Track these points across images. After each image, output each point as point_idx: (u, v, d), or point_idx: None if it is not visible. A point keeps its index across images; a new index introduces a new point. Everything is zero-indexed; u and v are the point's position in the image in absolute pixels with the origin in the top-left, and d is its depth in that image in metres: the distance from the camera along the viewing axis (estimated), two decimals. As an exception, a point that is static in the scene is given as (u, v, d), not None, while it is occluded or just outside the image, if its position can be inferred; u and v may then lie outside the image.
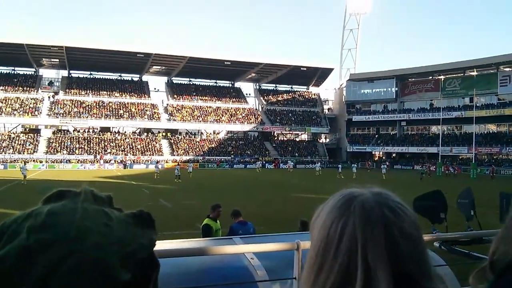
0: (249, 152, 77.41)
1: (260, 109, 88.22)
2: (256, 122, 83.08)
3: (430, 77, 78.80)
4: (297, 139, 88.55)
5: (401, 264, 0.76)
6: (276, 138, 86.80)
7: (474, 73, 72.76)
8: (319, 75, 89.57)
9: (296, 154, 79.30)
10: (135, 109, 77.20)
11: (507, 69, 69.48)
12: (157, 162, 62.33)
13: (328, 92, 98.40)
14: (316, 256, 0.82)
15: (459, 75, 75.15)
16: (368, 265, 0.76)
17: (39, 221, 0.60)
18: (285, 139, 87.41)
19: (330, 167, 66.03)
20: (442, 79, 76.69)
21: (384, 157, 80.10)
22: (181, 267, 3.69)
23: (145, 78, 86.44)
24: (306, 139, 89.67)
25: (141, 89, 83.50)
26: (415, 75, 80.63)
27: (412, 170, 61.72)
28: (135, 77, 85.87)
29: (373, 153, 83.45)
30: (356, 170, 50.22)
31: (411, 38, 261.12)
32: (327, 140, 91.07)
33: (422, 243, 0.81)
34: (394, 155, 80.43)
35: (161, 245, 4.13)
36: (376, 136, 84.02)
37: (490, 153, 66.25)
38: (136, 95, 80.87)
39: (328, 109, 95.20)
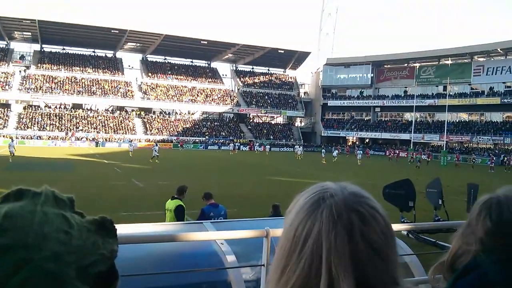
0: (224, 134, 77.21)
1: (236, 91, 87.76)
2: (232, 103, 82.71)
3: (406, 65, 79.67)
4: (273, 122, 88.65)
5: (365, 274, 0.75)
6: (251, 120, 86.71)
7: (449, 62, 73.92)
8: (296, 58, 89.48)
9: (271, 137, 79.50)
10: (108, 86, 75.78)
11: (481, 59, 70.78)
12: (131, 140, 61.66)
13: (305, 76, 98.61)
14: (282, 256, 0.81)
15: (434, 63, 76.21)
16: (331, 273, 0.75)
17: None
18: (261, 121, 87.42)
19: (306, 151, 66.23)
20: (417, 67, 77.67)
21: (357, 142, 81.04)
22: (151, 251, 3.65)
23: (119, 54, 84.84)
24: (282, 122, 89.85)
25: (115, 66, 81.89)
26: (390, 62, 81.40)
27: (384, 155, 62.56)
28: (109, 54, 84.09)
29: (347, 138, 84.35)
30: (337, 155, 50.71)
31: (388, 25, 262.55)
32: (302, 123, 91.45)
33: (390, 253, 0.79)
34: (367, 140, 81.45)
35: (133, 228, 4.08)
36: (351, 121, 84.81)
37: (461, 141, 67.75)
38: (109, 72, 79.28)
39: (304, 93, 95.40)
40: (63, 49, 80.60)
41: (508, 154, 55.73)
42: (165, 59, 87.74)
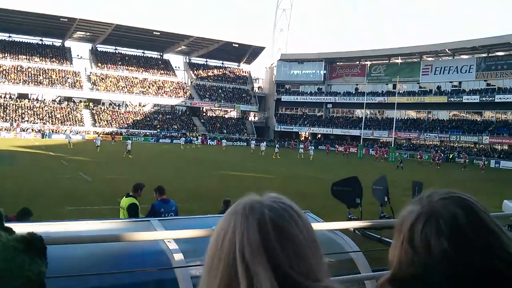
0: (176, 127, 76.33)
1: (190, 83, 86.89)
2: (185, 96, 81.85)
3: (357, 62, 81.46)
4: (226, 116, 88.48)
5: (280, 264, 0.77)
6: (205, 113, 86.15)
7: (399, 61, 76.16)
8: (250, 52, 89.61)
9: (225, 131, 79.34)
10: (56, 76, 73.08)
11: (429, 59, 73.43)
12: (70, 131, 60.39)
13: (259, 71, 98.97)
14: (208, 257, 0.85)
15: (385, 62, 78.30)
16: (246, 263, 0.78)
17: None
18: (214, 115, 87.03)
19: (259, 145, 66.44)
20: (368, 65, 79.62)
21: (309, 138, 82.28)
22: (97, 250, 3.55)
23: (68, 44, 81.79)
24: (235, 117, 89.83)
25: (63, 55, 79.02)
26: (343, 59, 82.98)
27: (335, 151, 63.83)
28: (57, 42, 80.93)
29: (299, 133, 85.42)
30: (313, 152, 49.84)
31: (341, 23, 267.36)
32: (256, 118, 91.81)
33: (305, 247, 0.81)
34: (319, 136, 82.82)
35: (78, 226, 3.94)
36: (304, 116, 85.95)
37: (409, 138, 70.14)
38: (57, 61, 76.42)
39: (258, 87, 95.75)
40: (9, 36, 76.85)
41: (453, 151, 58.35)
42: (116, 49, 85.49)
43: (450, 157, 53.96)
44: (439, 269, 0.94)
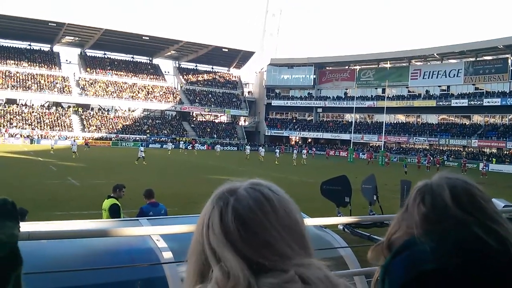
0: (166, 132, 76.05)
1: (179, 88, 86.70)
2: (175, 101, 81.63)
3: (347, 67, 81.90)
4: (216, 121, 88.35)
5: (243, 250, 0.79)
6: (195, 118, 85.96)
7: (388, 66, 76.69)
8: (240, 57, 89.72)
9: (215, 136, 79.21)
10: (45, 81, 72.56)
11: (418, 63, 74.08)
12: (59, 137, 60.46)
13: (249, 75, 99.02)
14: (190, 248, 0.86)
15: (374, 66, 78.84)
16: (214, 251, 0.80)
17: None
18: (204, 120, 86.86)
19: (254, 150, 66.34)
20: (358, 70, 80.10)
21: (300, 142, 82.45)
22: (86, 248, 3.53)
23: (56, 48, 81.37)
24: (225, 121, 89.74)
25: (52, 60, 78.52)
26: (332, 64, 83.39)
27: (325, 155, 63.88)
28: (46, 47, 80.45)
29: (290, 137, 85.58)
30: (306, 156, 50.05)
31: (331, 28, 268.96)
32: (246, 123, 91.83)
33: (275, 230, 0.82)
34: (309, 140, 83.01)
35: (66, 225, 3.91)
36: (294, 121, 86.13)
37: (398, 142, 70.56)
38: (46, 66, 75.88)
39: (248, 92, 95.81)
40: (-3, 41, 76.40)
41: (442, 154, 58.73)
42: (105, 54, 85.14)
43: (441, 160, 54.26)
44: (428, 237, 1.06)
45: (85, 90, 74.64)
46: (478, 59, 65.96)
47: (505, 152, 58.64)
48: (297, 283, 0.76)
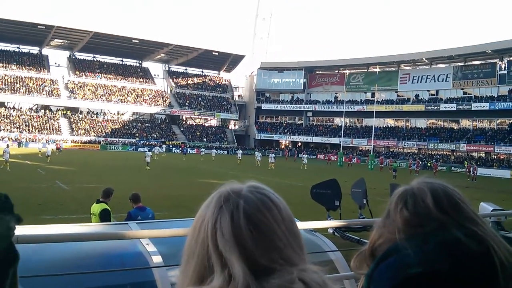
0: (155, 135, 75.75)
1: (169, 92, 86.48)
2: (164, 104, 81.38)
3: (336, 71, 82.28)
4: (206, 124, 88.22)
5: (252, 253, 0.79)
6: (184, 122, 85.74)
7: (377, 70, 77.21)
8: (230, 61, 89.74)
9: (205, 140, 79.06)
10: (33, 84, 71.96)
11: (407, 68, 74.67)
12: (47, 140, 59.57)
13: (239, 79, 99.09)
14: (186, 249, 0.86)
15: (363, 70, 79.27)
16: (220, 254, 0.79)
17: None
18: (194, 123, 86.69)
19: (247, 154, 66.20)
20: (347, 74, 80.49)
21: (290, 146, 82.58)
22: (75, 252, 3.51)
23: (45, 51, 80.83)
24: (215, 125, 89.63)
25: (41, 63, 77.93)
26: (322, 68, 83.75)
27: (316, 159, 64.01)
28: (34, 50, 79.89)
29: (280, 141, 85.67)
30: (307, 161, 48.51)
31: (320, 32, 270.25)
32: (236, 126, 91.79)
33: (281, 234, 0.82)
34: (299, 144, 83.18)
35: (54, 229, 3.89)
36: (284, 125, 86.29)
37: (387, 146, 70.93)
38: (34, 69, 75.29)
39: (239, 96, 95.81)
40: (-16, 44, 75.71)
41: (432, 159, 59.13)
42: (94, 57, 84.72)
43: (428, 164, 54.63)
44: (412, 242, 1.07)
45: (74, 93, 74.16)
46: (466, 63, 66.63)
47: (493, 156, 59.22)
48: (299, 284, 0.77)
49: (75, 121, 72.08)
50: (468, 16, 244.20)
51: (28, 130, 65.89)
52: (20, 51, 78.89)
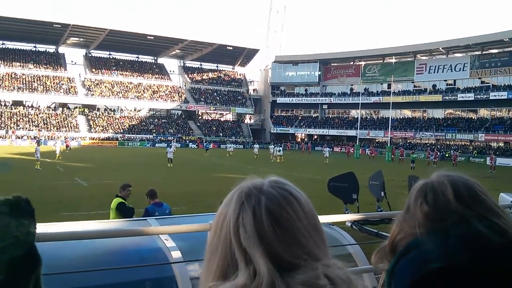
0: (172, 131, 76.17)
1: (184, 87, 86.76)
2: (180, 100, 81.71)
3: (352, 63, 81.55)
4: (222, 119, 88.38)
5: (275, 249, 0.78)
6: (200, 117, 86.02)
7: (393, 60, 76.19)
8: (245, 55, 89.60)
9: (221, 134, 79.25)
10: (50, 82, 72.87)
11: (423, 58, 73.58)
12: (63, 137, 59.87)
13: (254, 73, 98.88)
14: (208, 246, 0.86)
15: (379, 61, 78.39)
16: (244, 249, 0.79)
17: None
18: (210, 118, 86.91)
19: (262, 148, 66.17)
20: (363, 65, 79.70)
21: (306, 139, 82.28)
22: (95, 248, 3.56)
23: (61, 50, 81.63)
24: (231, 119, 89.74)
25: (57, 61, 78.81)
26: (337, 60, 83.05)
27: (332, 151, 63.52)
28: (51, 49, 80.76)
29: (295, 134, 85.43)
30: (329, 154, 46.63)
31: (335, 23, 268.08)
32: (252, 120, 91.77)
33: (302, 230, 0.82)
34: (315, 137, 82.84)
35: (75, 226, 3.94)
36: (299, 118, 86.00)
37: (404, 137, 70.22)
38: (51, 67, 76.21)
39: (254, 90, 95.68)
40: (3, 44, 76.72)
41: (450, 150, 58.36)
42: (110, 54, 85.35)
43: (446, 155, 53.95)
44: (433, 236, 1.06)
45: (90, 91, 74.90)
46: (484, 52, 65.42)
47: (512, 146, 58.20)
48: (324, 280, 0.77)
49: (92, 118, 72.83)
50: (485, 4, 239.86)
51: (47, 128, 66.79)
52: (37, 50, 79.88)
